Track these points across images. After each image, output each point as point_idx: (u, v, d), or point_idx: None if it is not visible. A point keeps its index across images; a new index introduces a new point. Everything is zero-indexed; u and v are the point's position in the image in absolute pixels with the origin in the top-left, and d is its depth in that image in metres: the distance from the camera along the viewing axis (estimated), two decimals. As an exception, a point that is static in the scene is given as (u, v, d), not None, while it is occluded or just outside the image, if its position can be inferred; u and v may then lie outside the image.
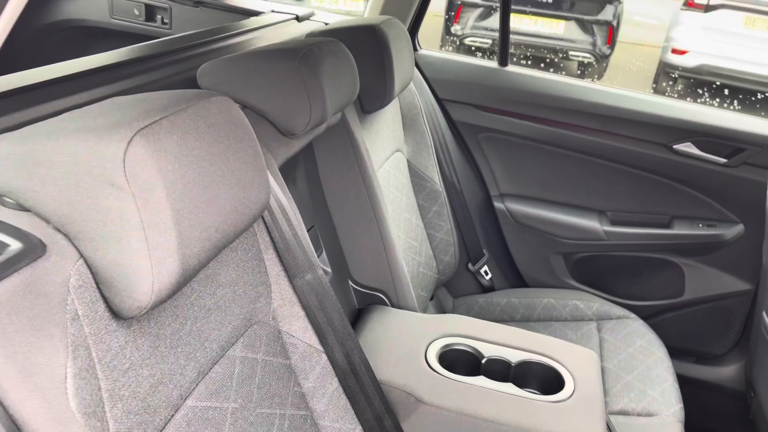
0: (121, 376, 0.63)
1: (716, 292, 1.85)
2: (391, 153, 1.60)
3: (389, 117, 1.59)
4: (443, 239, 1.75)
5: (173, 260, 0.60)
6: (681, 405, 1.43)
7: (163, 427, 0.70)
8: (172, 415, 0.71)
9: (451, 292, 1.90)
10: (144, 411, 0.66)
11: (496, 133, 1.90)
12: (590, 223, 1.87)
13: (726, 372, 1.88)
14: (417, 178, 1.71)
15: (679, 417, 1.39)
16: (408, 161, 1.70)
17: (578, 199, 1.90)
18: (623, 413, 1.39)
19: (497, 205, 1.93)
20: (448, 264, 1.77)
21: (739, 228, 1.77)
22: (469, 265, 1.89)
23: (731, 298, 1.84)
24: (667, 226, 1.84)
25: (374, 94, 1.38)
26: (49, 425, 0.54)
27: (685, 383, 1.54)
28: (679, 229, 1.82)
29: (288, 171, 1.19)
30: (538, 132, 1.88)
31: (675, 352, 1.68)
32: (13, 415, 0.54)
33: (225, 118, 0.71)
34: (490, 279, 1.92)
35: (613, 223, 1.88)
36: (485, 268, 1.92)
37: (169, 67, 1.13)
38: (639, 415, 1.39)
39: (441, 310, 1.80)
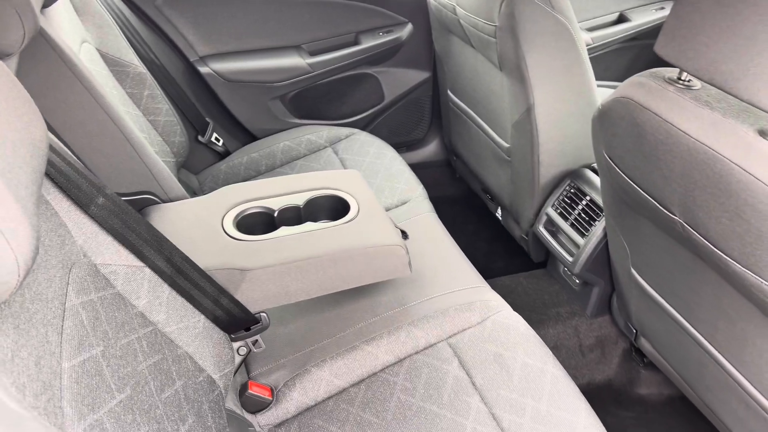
0: (10, 366, 0.57)
1: (407, 88, 2.15)
2: (79, 47, 1.41)
3: (61, 7, 1.38)
4: (166, 121, 1.68)
5: (25, 226, 0.53)
6: (421, 185, 1.73)
7: (61, 396, 0.65)
8: (61, 383, 0.67)
9: (191, 170, 1.87)
10: (43, 389, 0.61)
11: (171, -4, 1.79)
12: (292, 60, 1.96)
13: (431, 149, 2.28)
14: (116, 66, 1.56)
15: (425, 195, 1.69)
16: (98, 50, 1.53)
17: (274, 40, 1.95)
18: (387, 209, 1.63)
19: (202, 69, 1.87)
20: (180, 144, 1.72)
21: (409, 27, 2.04)
22: (199, 138, 1.87)
23: (418, 89, 2.17)
24: (356, 43, 2.02)
25: None
26: None
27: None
28: (366, 43, 2.02)
29: None
30: (212, -17, 1.82)
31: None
32: None
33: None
34: (223, 144, 1.93)
35: (312, 54, 1.99)
36: (215, 135, 1.91)
37: None
38: (398, 206, 1.65)
39: (189, 190, 1.78)
